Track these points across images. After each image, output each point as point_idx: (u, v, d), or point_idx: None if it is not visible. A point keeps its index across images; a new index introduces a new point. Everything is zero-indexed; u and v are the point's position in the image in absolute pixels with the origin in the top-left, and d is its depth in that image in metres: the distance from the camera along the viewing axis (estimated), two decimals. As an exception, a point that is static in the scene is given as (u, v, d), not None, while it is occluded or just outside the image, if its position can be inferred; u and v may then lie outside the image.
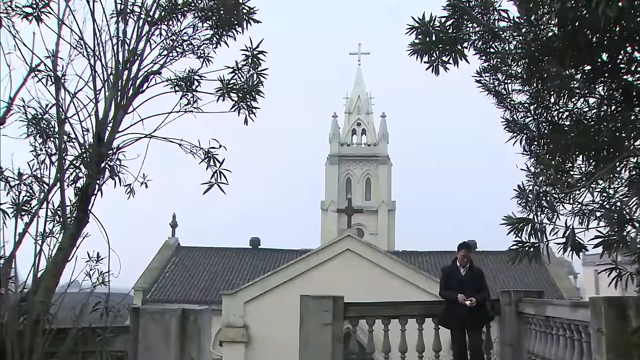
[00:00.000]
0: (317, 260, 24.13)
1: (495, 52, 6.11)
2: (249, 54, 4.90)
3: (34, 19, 5.13)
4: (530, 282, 29.10)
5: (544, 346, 6.94)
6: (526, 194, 6.16)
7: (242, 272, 30.59)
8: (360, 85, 46.95)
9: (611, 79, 5.31)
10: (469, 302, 7.83)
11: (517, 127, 5.78)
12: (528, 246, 5.32)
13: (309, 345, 8.08)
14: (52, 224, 5.24)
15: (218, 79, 5.23)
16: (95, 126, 4.71)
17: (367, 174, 44.36)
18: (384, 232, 42.48)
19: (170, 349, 4.84)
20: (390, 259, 24.89)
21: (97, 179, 4.65)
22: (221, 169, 4.72)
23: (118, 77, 5.01)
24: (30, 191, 5.05)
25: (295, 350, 8.05)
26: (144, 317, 4.87)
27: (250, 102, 5.21)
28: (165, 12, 5.18)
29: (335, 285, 21.83)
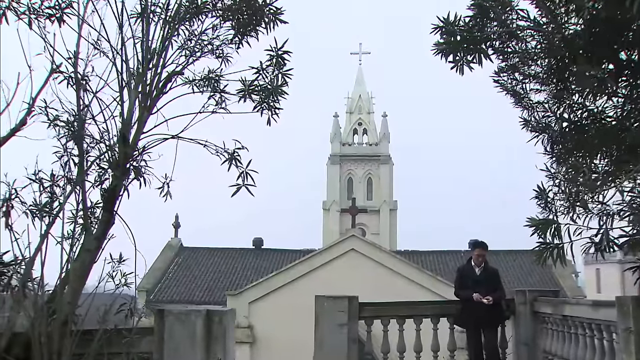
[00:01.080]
0: (321, 260, 24.14)
1: (513, 51, 6.12)
2: (273, 54, 4.88)
3: (56, 20, 5.12)
4: (535, 281, 29.14)
5: (562, 345, 6.94)
6: (546, 194, 6.16)
7: (246, 273, 30.56)
8: (361, 84, 47.02)
9: (634, 77, 5.32)
10: (485, 301, 7.83)
11: (538, 126, 5.78)
12: (552, 247, 5.33)
13: (324, 345, 8.07)
14: (73, 225, 5.27)
15: (239, 79, 5.22)
16: (121, 127, 4.69)
17: (368, 173, 44.44)
18: (386, 231, 42.57)
19: (196, 350, 4.81)
20: (394, 258, 24.91)
21: (123, 180, 4.63)
22: (247, 170, 4.69)
23: (141, 78, 4.99)
24: (52, 192, 5.04)
25: (300, 350, 8.05)
26: (169, 319, 4.84)
27: (274, 102, 5.20)
28: (186, 12, 5.17)
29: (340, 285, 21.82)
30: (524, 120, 6.56)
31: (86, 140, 4.67)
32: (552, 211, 6.18)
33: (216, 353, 4.90)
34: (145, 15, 4.97)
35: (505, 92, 6.59)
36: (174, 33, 5.00)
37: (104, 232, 4.65)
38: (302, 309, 21.40)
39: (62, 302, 4.50)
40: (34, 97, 5.50)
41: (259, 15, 4.82)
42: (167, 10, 5.16)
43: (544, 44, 5.77)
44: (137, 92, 4.93)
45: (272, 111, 5.26)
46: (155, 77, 4.99)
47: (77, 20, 5.18)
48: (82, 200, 5.00)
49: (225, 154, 5.01)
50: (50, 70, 5.38)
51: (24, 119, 5.64)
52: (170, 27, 5.08)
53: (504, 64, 6.41)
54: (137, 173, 4.76)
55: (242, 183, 4.64)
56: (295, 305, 21.98)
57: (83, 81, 5.17)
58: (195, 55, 5.17)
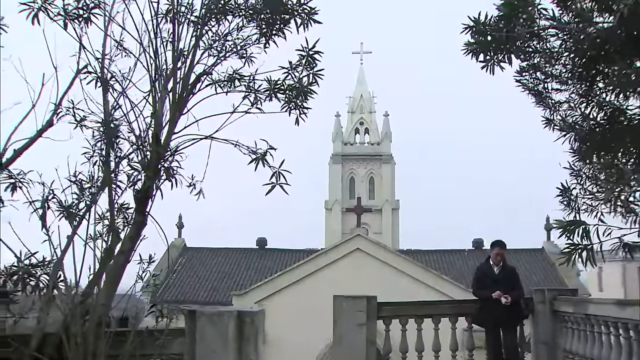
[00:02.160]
0: (327, 259, 24.13)
1: (534, 50, 6.11)
2: (304, 54, 4.86)
3: (84, 21, 5.10)
4: (538, 280, 29.17)
5: (585, 345, 6.93)
6: (569, 192, 6.16)
7: (250, 273, 30.54)
8: (362, 84, 47.00)
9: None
10: (504, 300, 7.82)
11: (565, 126, 5.78)
12: (581, 248, 5.32)
13: (343, 345, 8.06)
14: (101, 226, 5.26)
15: (265, 79, 5.21)
16: (154, 127, 4.68)
17: (370, 173, 44.45)
18: (388, 231, 42.57)
19: (229, 351, 4.80)
20: (399, 257, 24.92)
21: (155, 181, 4.62)
22: (280, 170, 4.68)
23: (169, 78, 4.98)
24: (79, 193, 5.02)
25: (306, 349, 8.00)
26: (201, 320, 4.82)
27: (302, 102, 5.18)
28: (213, 12, 5.14)
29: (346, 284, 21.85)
30: (547, 120, 6.56)
31: (116, 141, 4.64)
32: (575, 209, 6.19)
33: (248, 354, 4.89)
34: (175, 16, 4.95)
35: (527, 92, 6.59)
36: (202, 33, 4.98)
37: (136, 233, 4.64)
38: (307, 308, 21.56)
39: (96, 303, 4.49)
40: (60, 97, 5.51)
41: (290, 15, 4.79)
42: (192, 11, 5.15)
43: (570, 42, 5.76)
44: (165, 92, 4.92)
45: (300, 111, 5.26)
46: (184, 78, 4.97)
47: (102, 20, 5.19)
48: (109, 201, 5.00)
49: (253, 154, 5.01)
50: (77, 71, 5.36)
51: (50, 120, 5.62)
52: (198, 27, 5.07)
53: (525, 64, 6.42)
54: (168, 174, 4.74)
55: (276, 182, 4.62)
56: (301, 305, 22.02)
57: (111, 81, 5.17)
58: (223, 56, 5.16)
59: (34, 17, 4.68)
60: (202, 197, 4.72)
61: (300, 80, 5.02)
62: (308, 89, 5.01)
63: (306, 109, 5.28)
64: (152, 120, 4.72)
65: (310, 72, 4.87)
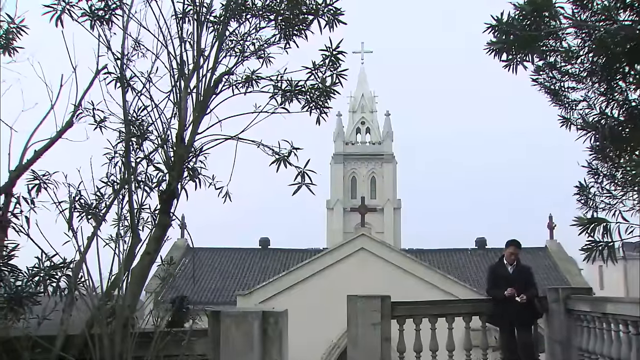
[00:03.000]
0: (331, 259, 24.13)
1: (552, 49, 6.11)
2: (327, 53, 4.85)
3: (105, 22, 5.09)
4: (541, 278, 29.06)
5: (602, 344, 6.93)
6: (587, 190, 6.16)
7: (253, 273, 30.53)
8: (363, 83, 46.97)
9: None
10: (519, 299, 7.82)
11: (585, 125, 5.78)
12: (602, 246, 5.32)
13: (358, 345, 8.05)
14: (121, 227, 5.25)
15: (286, 80, 5.20)
16: (177, 128, 4.67)
17: (372, 172, 44.43)
18: (390, 230, 42.55)
19: (254, 352, 4.80)
20: (404, 257, 24.91)
21: (179, 182, 4.61)
22: (306, 170, 4.68)
23: (190, 78, 4.96)
24: (99, 194, 5.00)
25: (311, 350, 7.97)
26: (226, 321, 4.82)
27: (324, 102, 5.18)
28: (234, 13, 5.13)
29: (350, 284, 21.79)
30: (563, 118, 6.56)
31: (140, 141, 4.62)
32: (592, 207, 6.19)
33: (272, 355, 4.88)
34: (196, 16, 4.94)
35: (543, 91, 6.59)
36: (225, 34, 4.96)
37: (162, 233, 4.63)
38: (312, 308, 21.53)
39: (122, 305, 4.48)
40: (80, 98, 5.50)
41: (314, 15, 4.78)
42: (211, 12, 5.13)
43: (590, 41, 5.76)
44: (187, 92, 4.91)
45: (321, 111, 5.25)
46: (205, 78, 4.96)
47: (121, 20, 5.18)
48: (129, 202, 4.99)
49: (277, 154, 5.00)
50: (96, 71, 5.36)
51: (70, 121, 5.62)
52: (218, 28, 5.06)
53: (541, 63, 6.42)
54: (192, 174, 4.73)
55: (302, 182, 4.61)
56: (306, 305, 21.98)
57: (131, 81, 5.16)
58: (245, 57, 5.15)
59: (58, 18, 4.67)
60: (228, 199, 4.69)
61: (323, 80, 5.01)
62: (331, 89, 4.99)
63: (327, 108, 5.28)
64: (177, 121, 4.72)
65: (334, 72, 4.86)
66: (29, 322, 4.55)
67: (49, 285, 4.66)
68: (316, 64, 4.90)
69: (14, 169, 5.38)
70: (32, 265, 4.62)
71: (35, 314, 4.69)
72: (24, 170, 5.34)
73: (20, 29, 5.32)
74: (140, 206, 5.04)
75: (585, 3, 5.85)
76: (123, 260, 5.08)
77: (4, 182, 5.26)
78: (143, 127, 4.59)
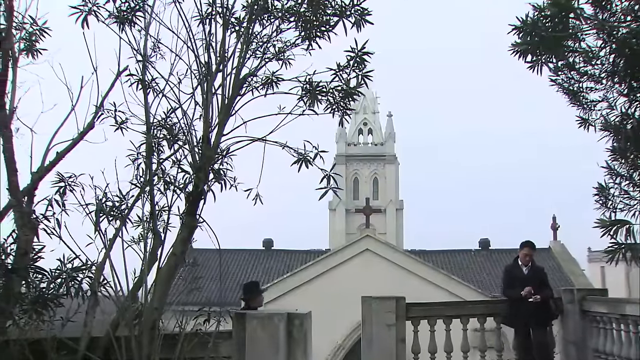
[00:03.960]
0: (336, 260, 24.13)
1: (572, 49, 6.11)
2: (353, 54, 4.84)
3: (127, 23, 5.08)
4: (545, 279, 29.14)
5: (619, 346, 6.93)
6: (607, 192, 6.16)
7: (257, 274, 30.48)
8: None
9: None
10: (533, 299, 7.82)
11: (608, 126, 5.78)
12: (625, 248, 5.32)
13: (373, 346, 8.04)
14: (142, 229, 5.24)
15: (308, 82, 5.19)
16: (203, 129, 4.66)
17: (374, 173, 44.47)
18: (392, 231, 42.59)
19: (279, 353, 4.78)
20: (409, 258, 24.91)
21: (206, 183, 4.60)
22: (331, 173, 4.67)
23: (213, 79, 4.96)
24: (121, 196, 5.00)
25: (316, 351, 7.94)
26: (252, 323, 4.81)
27: (347, 103, 5.18)
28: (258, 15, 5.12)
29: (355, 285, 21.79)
30: (582, 119, 6.56)
31: (172, 142, 4.62)
32: (612, 209, 6.18)
33: (297, 356, 4.87)
34: (220, 18, 4.94)
35: (562, 91, 6.59)
36: (251, 37, 4.96)
37: (188, 235, 4.63)
38: (317, 309, 21.43)
39: (149, 306, 4.48)
40: (102, 99, 5.49)
41: (339, 16, 4.77)
42: (232, 13, 5.13)
43: (610, 41, 5.76)
44: (211, 94, 4.91)
45: (344, 112, 5.25)
46: (229, 79, 4.96)
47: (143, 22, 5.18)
48: (151, 204, 4.99)
49: (301, 156, 4.99)
50: (118, 73, 5.35)
51: (91, 122, 5.61)
52: (242, 29, 5.06)
53: (560, 63, 6.41)
54: (218, 176, 4.72)
55: (328, 185, 4.60)
56: (311, 306, 21.94)
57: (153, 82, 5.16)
58: (269, 58, 5.14)
59: (84, 20, 4.66)
60: (259, 201, 4.68)
61: (347, 81, 5.00)
62: (356, 90, 4.99)
63: (350, 110, 5.28)
64: (201, 123, 4.71)
65: (359, 74, 4.85)
66: (53, 323, 4.55)
67: (71, 287, 4.65)
68: (341, 65, 4.88)
69: (36, 170, 5.38)
70: (55, 268, 4.61)
71: (60, 316, 4.69)
72: (46, 172, 5.33)
73: (43, 30, 5.30)
74: (161, 208, 5.04)
75: (604, 4, 5.86)
76: (146, 262, 5.09)
77: (27, 184, 5.26)
78: (174, 129, 4.57)
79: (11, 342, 4.30)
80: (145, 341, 4.34)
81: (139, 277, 4.98)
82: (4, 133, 4.33)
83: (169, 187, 4.57)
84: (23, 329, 4.43)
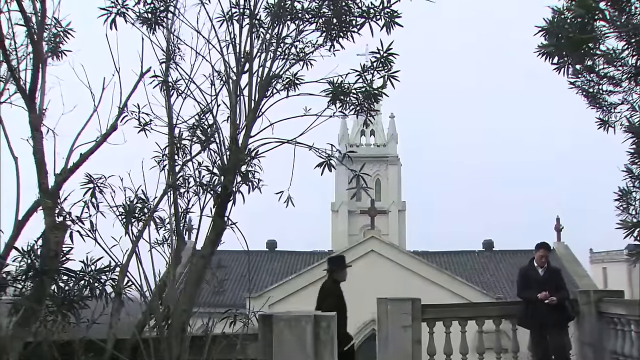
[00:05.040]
0: (341, 261, 24.07)
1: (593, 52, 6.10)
2: (378, 56, 4.84)
3: (152, 24, 5.08)
4: (549, 280, 29.15)
5: (639, 347, 6.92)
6: (629, 195, 6.16)
7: (261, 275, 30.47)
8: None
9: None
10: (549, 301, 7.82)
11: (632, 127, 5.78)
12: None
13: (389, 348, 8.04)
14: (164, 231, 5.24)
15: (329, 82, 5.19)
16: (231, 131, 4.66)
17: (377, 174, 44.39)
18: (395, 232, 42.52)
19: (307, 355, 4.78)
20: (414, 259, 24.91)
21: (233, 185, 4.60)
22: (360, 173, 4.67)
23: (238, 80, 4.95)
24: (144, 198, 4.99)
25: None
26: (279, 325, 4.80)
27: (370, 105, 5.18)
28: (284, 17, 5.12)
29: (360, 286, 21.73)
30: (601, 121, 6.56)
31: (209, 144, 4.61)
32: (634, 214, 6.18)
33: (325, 358, 4.86)
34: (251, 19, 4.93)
35: (581, 94, 6.59)
36: (278, 36, 4.96)
37: (217, 237, 4.62)
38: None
39: (178, 308, 4.47)
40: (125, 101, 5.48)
41: (365, 18, 4.77)
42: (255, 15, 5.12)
43: (631, 44, 5.76)
44: (235, 96, 4.90)
45: (368, 113, 5.25)
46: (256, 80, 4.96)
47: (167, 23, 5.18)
48: (174, 205, 4.99)
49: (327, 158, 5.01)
50: (140, 74, 5.35)
51: (114, 124, 5.60)
52: (268, 31, 5.06)
53: (579, 66, 6.41)
54: (245, 178, 4.71)
55: (359, 185, 4.61)
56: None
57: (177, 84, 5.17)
58: (294, 60, 5.14)
59: (112, 21, 4.66)
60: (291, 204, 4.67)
61: (371, 82, 5.00)
62: (380, 91, 4.98)
63: (374, 111, 5.28)
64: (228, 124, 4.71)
65: (385, 74, 4.85)
66: (79, 325, 4.54)
67: (95, 289, 4.64)
68: (365, 66, 4.88)
69: (59, 172, 5.37)
70: (80, 269, 4.61)
71: (86, 318, 4.68)
72: (69, 173, 5.32)
73: (66, 32, 5.30)
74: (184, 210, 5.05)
75: (623, 6, 5.86)
76: (170, 264, 5.09)
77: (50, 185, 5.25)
78: (209, 130, 4.56)
79: (41, 343, 4.30)
80: (175, 343, 4.33)
81: (161, 279, 4.99)
82: (35, 135, 4.33)
83: (198, 189, 4.56)
84: (51, 330, 4.43)
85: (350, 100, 5.17)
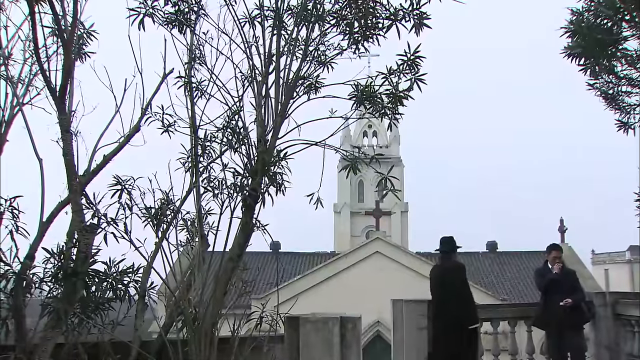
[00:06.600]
0: (346, 263, 24.10)
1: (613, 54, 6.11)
2: (405, 59, 4.83)
3: (177, 25, 5.08)
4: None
5: (657, 349, 6.92)
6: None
7: (265, 276, 30.39)
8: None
9: None
10: (564, 302, 7.80)
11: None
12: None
13: (405, 349, 8.03)
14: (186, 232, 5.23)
15: (352, 85, 5.18)
16: (258, 132, 4.65)
17: (379, 176, 44.32)
18: (397, 233, 42.48)
19: (333, 357, 4.79)
20: (419, 260, 24.85)
21: (261, 187, 4.59)
22: (388, 176, 4.67)
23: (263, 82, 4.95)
24: (167, 200, 4.98)
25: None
26: (306, 327, 4.81)
27: (395, 107, 5.17)
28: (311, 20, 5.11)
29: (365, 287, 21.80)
30: (621, 123, 6.57)
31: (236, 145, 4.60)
32: None
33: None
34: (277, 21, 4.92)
35: (599, 95, 6.60)
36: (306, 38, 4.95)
37: (245, 239, 4.61)
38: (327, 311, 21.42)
39: (207, 311, 4.47)
40: (148, 102, 5.47)
41: (393, 20, 4.77)
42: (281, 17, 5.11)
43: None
44: (261, 97, 4.89)
45: (393, 116, 5.24)
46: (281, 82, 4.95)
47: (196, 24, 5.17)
48: (198, 207, 4.98)
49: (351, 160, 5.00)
50: (164, 75, 5.35)
51: (137, 125, 5.59)
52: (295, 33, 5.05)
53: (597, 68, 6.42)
54: (272, 180, 4.70)
55: (387, 187, 4.61)
56: (321, 308, 21.93)
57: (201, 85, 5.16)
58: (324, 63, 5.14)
59: (140, 22, 4.66)
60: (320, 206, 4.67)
61: (397, 85, 4.99)
62: (406, 94, 4.97)
63: (399, 113, 5.27)
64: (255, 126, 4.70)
65: (412, 77, 4.84)
66: (104, 327, 4.54)
67: (117, 291, 4.64)
68: (391, 69, 4.87)
69: (83, 174, 5.37)
70: (103, 271, 4.61)
71: (111, 320, 4.68)
72: (93, 175, 5.32)
73: (90, 34, 5.30)
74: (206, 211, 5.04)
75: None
76: (195, 266, 5.09)
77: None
78: (242, 132, 4.55)
79: (69, 345, 4.30)
80: (203, 345, 4.33)
81: (186, 281, 4.99)
82: (65, 136, 4.32)
83: (224, 190, 4.55)
84: (78, 331, 4.43)
85: (375, 102, 5.17)
